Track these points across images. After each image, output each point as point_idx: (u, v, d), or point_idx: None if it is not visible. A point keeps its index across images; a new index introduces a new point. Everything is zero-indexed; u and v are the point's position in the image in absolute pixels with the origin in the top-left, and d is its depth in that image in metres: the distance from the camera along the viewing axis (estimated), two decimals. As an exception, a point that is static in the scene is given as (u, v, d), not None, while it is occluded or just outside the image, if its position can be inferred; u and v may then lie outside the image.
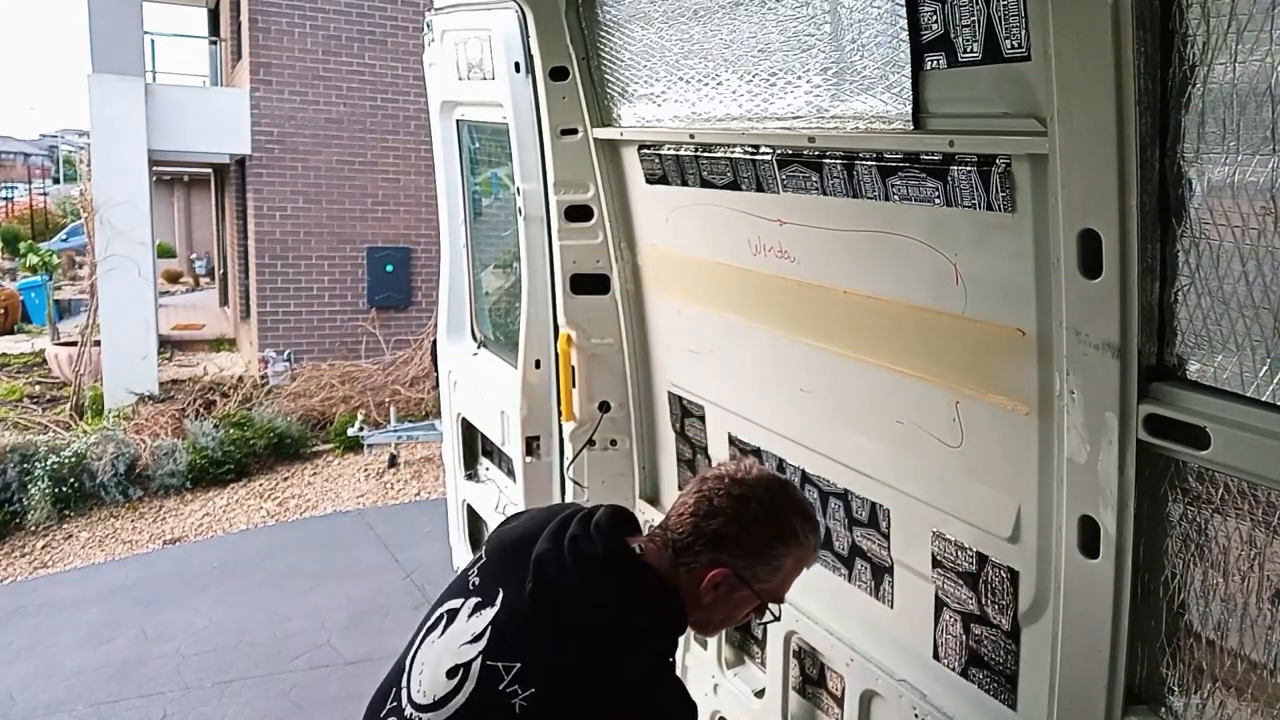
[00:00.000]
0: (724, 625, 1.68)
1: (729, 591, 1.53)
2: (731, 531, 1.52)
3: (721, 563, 1.51)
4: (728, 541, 1.52)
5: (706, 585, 1.51)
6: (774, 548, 1.54)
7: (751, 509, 1.54)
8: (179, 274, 23.64)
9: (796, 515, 1.57)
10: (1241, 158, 1.20)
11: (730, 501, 1.54)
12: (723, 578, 1.51)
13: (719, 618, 1.60)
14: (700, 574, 1.52)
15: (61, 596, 6.46)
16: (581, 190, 2.76)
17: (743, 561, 1.52)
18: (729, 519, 1.53)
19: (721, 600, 1.54)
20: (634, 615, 1.49)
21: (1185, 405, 1.32)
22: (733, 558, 1.51)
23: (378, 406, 9.86)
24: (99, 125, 10.83)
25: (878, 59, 1.72)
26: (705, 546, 1.52)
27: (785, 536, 1.55)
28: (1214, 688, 1.41)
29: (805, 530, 1.57)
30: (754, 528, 1.53)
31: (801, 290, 2.11)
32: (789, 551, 1.55)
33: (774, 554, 1.54)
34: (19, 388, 11.73)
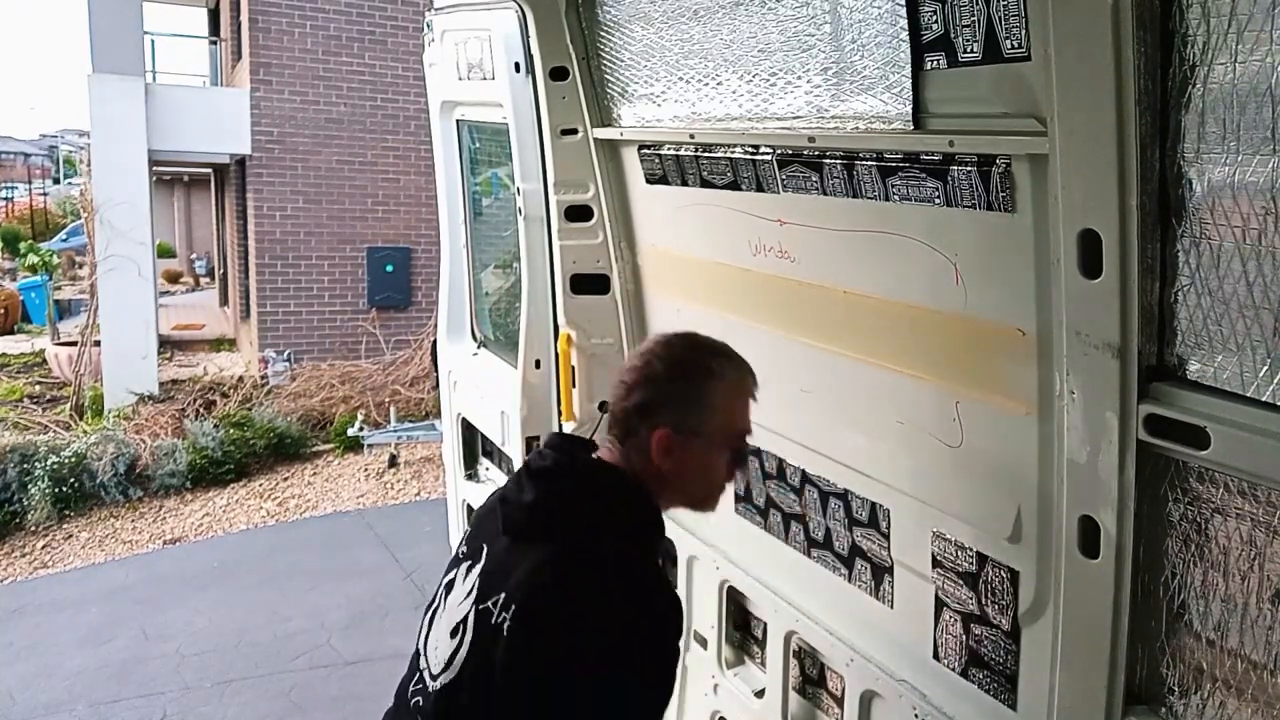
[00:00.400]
0: (711, 487, 1.65)
1: (682, 449, 1.54)
2: (650, 397, 1.56)
3: (656, 426, 1.54)
4: (653, 407, 1.55)
5: (658, 453, 1.53)
6: (695, 390, 1.56)
7: (656, 369, 1.58)
8: (179, 274, 23.65)
9: (704, 353, 1.60)
10: (1242, 158, 1.20)
11: (638, 374, 1.59)
12: (667, 439, 1.53)
13: (698, 477, 1.60)
14: (648, 447, 1.54)
15: (61, 596, 6.46)
16: (581, 190, 2.76)
17: (674, 416, 1.54)
18: (643, 387, 1.57)
19: (683, 461, 1.55)
20: (595, 508, 1.51)
21: (1185, 405, 1.32)
22: (664, 418, 1.54)
23: (378, 406, 9.86)
24: (99, 125, 10.83)
25: (878, 59, 1.72)
26: (639, 423, 1.55)
27: (697, 376, 1.57)
28: (1214, 688, 1.41)
29: (720, 363, 1.60)
30: (666, 383, 1.56)
31: (801, 290, 2.11)
32: (710, 387, 1.57)
33: (699, 395, 1.56)
34: (19, 388, 11.73)
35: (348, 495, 8.45)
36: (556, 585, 1.45)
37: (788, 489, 2.37)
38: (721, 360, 1.61)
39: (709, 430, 1.56)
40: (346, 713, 4.75)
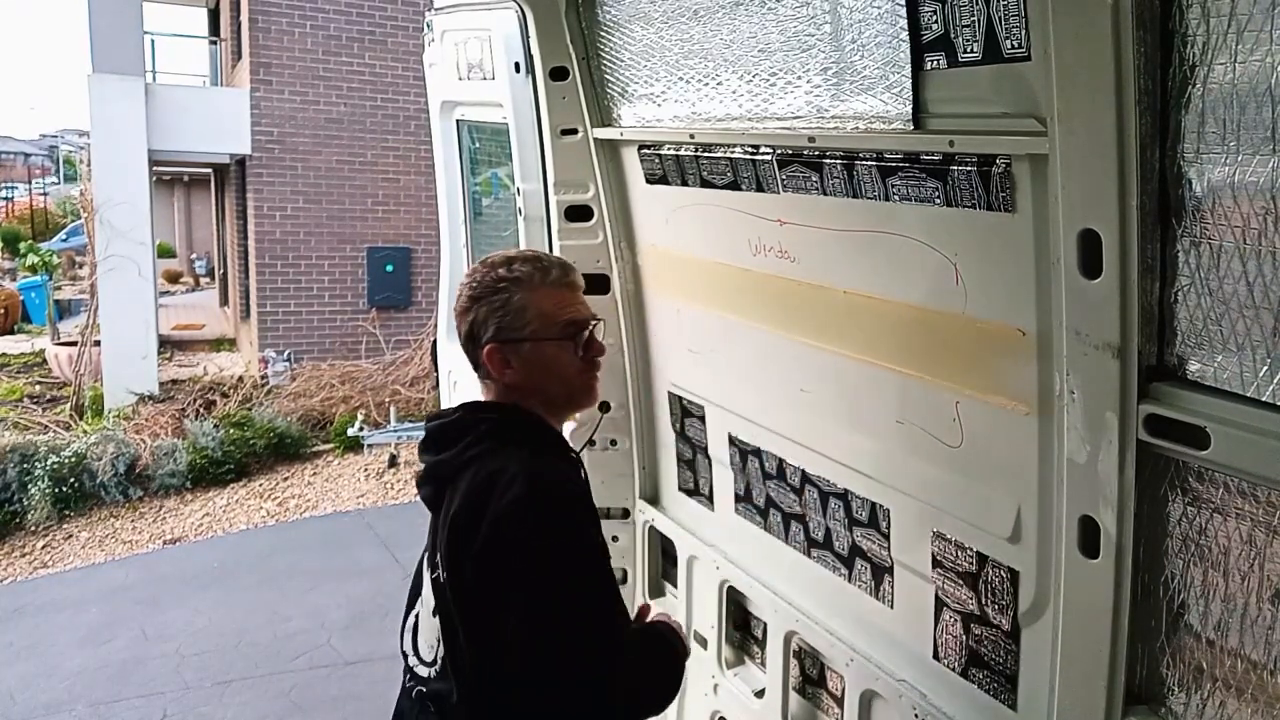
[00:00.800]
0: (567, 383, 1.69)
1: (515, 356, 1.62)
2: (470, 324, 1.65)
3: (481, 348, 1.63)
4: (474, 332, 1.65)
5: (495, 369, 1.63)
6: (496, 301, 1.63)
7: (464, 297, 1.67)
8: (179, 274, 23.65)
9: (496, 268, 1.66)
10: (1242, 158, 1.20)
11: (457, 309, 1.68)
12: (492, 352, 1.62)
13: (550, 380, 1.66)
14: (490, 371, 1.64)
15: (61, 596, 6.46)
16: (581, 190, 2.76)
17: (491, 331, 1.62)
18: (461, 317, 1.67)
19: (523, 369, 1.63)
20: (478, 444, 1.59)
21: (1185, 405, 1.32)
22: (486, 337, 1.63)
23: (378, 406, 9.86)
24: (99, 125, 10.83)
25: (878, 59, 1.72)
26: (473, 350, 1.66)
27: (496, 288, 1.63)
28: (1214, 688, 1.41)
29: (513, 269, 1.65)
30: (474, 306, 1.65)
31: (801, 290, 2.11)
32: (510, 293, 1.63)
33: (501, 304, 1.63)
34: (19, 388, 11.73)
35: (348, 495, 8.45)
36: (459, 524, 1.53)
37: (787, 489, 2.37)
38: (516, 265, 1.66)
39: (530, 331, 1.62)
40: (346, 713, 4.75)
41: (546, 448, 1.64)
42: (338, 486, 8.66)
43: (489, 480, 1.53)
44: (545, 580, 1.47)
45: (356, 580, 6.45)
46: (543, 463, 1.58)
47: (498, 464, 1.55)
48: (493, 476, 1.53)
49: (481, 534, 1.49)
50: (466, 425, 1.64)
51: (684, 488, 2.85)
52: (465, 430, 1.63)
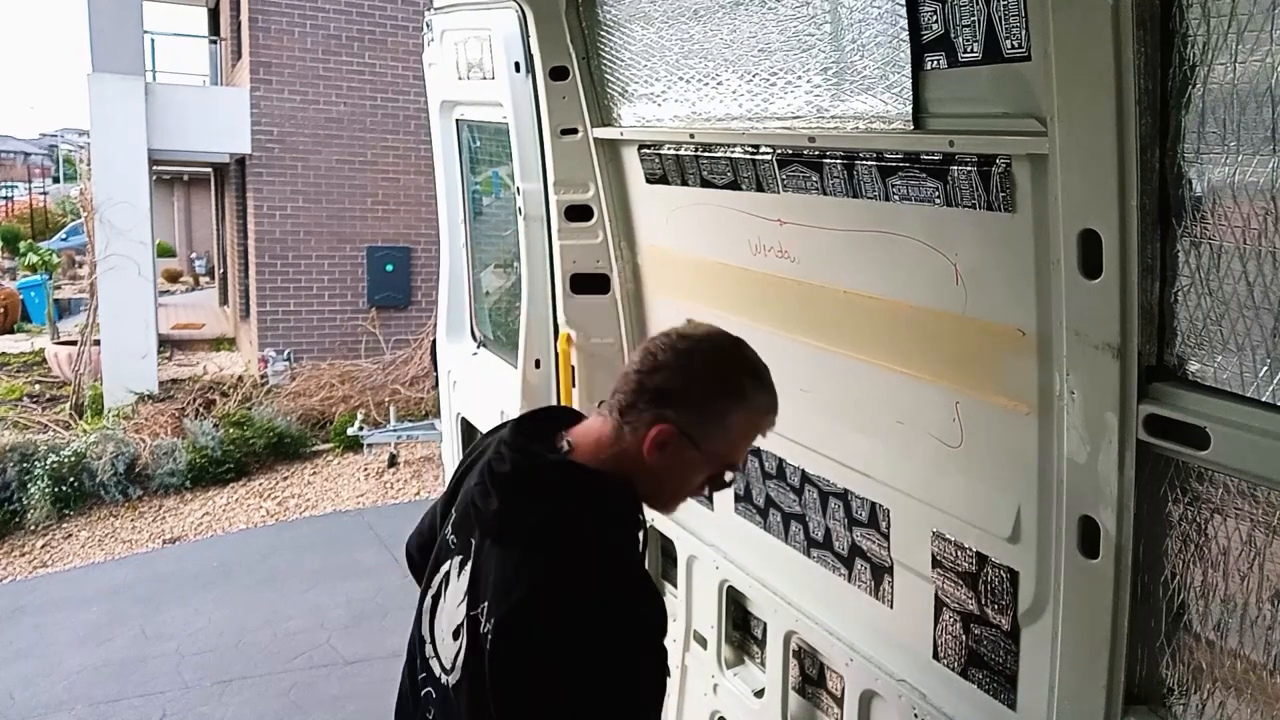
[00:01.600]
0: (677, 496, 1.55)
1: (676, 453, 1.43)
2: (675, 386, 1.44)
3: (665, 419, 1.42)
4: (671, 397, 1.43)
5: (650, 445, 1.42)
6: (719, 404, 1.45)
7: (695, 363, 1.46)
8: (179, 273, 23.65)
9: (745, 373, 1.48)
10: (1242, 158, 1.20)
11: (674, 356, 1.46)
12: (667, 435, 1.42)
13: (671, 485, 1.51)
14: (643, 434, 1.43)
15: (61, 596, 6.46)
16: (581, 190, 2.76)
17: (687, 418, 1.43)
18: (672, 373, 1.45)
19: (670, 464, 1.44)
20: (561, 512, 1.42)
21: (1185, 405, 1.32)
22: (676, 413, 1.43)
23: (377, 406, 9.86)
24: (99, 125, 10.83)
25: (878, 59, 1.72)
26: (648, 404, 1.44)
27: (732, 392, 1.46)
28: (1214, 688, 1.41)
29: (755, 389, 1.48)
30: (698, 383, 1.45)
31: (801, 290, 2.11)
32: (736, 409, 1.46)
33: (720, 411, 1.45)
34: (19, 387, 11.73)
35: (347, 495, 8.45)
36: (529, 596, 1.37)
37: (787, 489, 2.37)
38: (759, 386, 1.49)
39: (709, 447, 1.46)
40: (346, 713, 4.75)
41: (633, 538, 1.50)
42: (337, 486, 8.67)
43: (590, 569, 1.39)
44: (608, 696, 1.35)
45: (356, 580, 6.45)
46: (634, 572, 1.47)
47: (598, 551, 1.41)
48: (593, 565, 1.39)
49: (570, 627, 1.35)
50: (567, 488, 1.45)
51: (684, 487, 2.85)
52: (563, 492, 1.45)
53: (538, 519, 1.43)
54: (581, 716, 1.34)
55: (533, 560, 1.39)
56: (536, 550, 1.40)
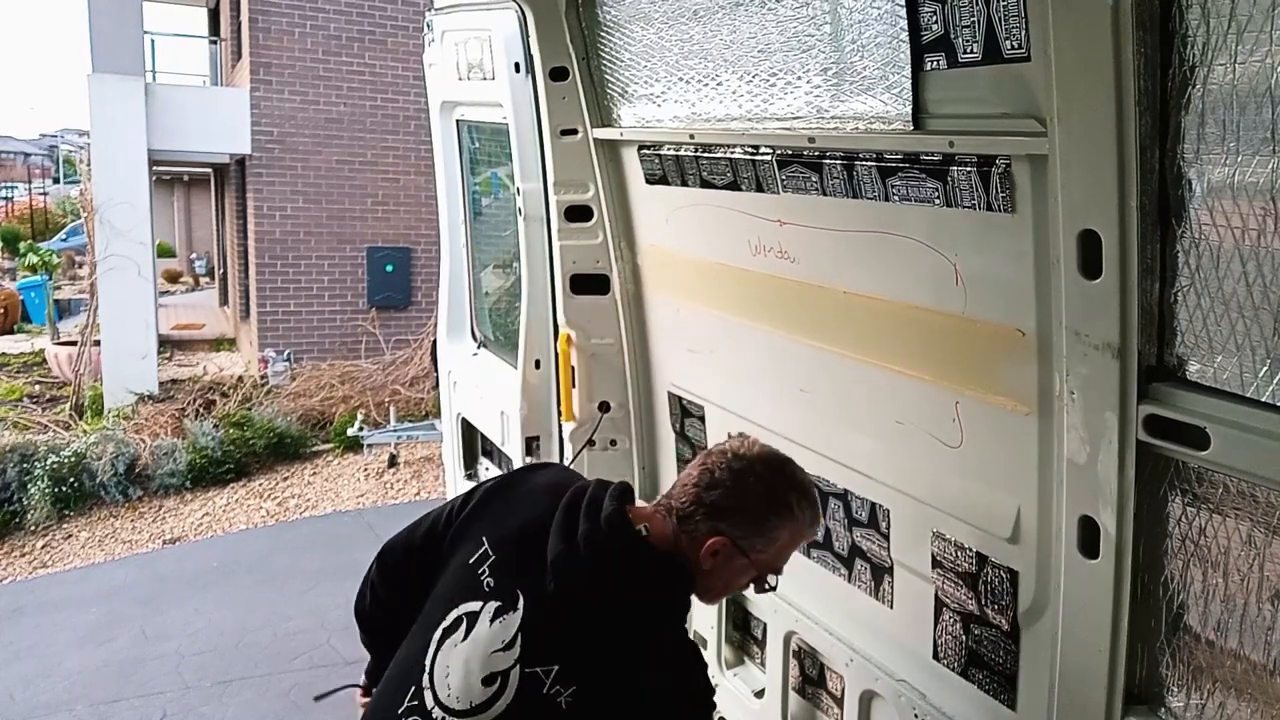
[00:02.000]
0: (725, 593, 1.79)
1: (727, 560, 1.59)
2: (730, 504, 1.59)
3: (720, 532, 1.58)
4: (726, 513, 1.58)
5: (705, 553, 1.58)
6: (770, 520, 1.60)
7: (750, 483, 1.60)
8: (179, 274, 23.64)
9: (794, 491, 1.63)
10: (1241, 158, 1.20)
11: (730, 475, 1.60)
12: (721, 546, 1.58)
13: (719, 585, 1.67)
14: (700, 541, 1.58)
15: (61, 596, 6.46)
16: (581, 190, 2.76)
17: (739, 531, 1.58)
18: (728, 491, 1.59)
19: (720, 568, 1.60)
20: (654, 600, 1.57)
21: (1185, 405, 1.33)
22: (730, 527, 1.58)
23: (377, 406, 9.85)
24: (99, 125, 10.83)
25: (878, 59, 1.72)
26: (705, 516, 1.59)
27: (781, 511, 1.61)
28: (1214, 688, 1.41)
29: (801, 506, 1.63)
30: (751, 501, 1.59)
31: (801, 290, 2.11)
32: (784, 525, 1.62)
33: (770, 526, 1.60)
34: (19, 387, 11.73)
35: (347, 495, 8.45)
36: (619, 673, 1.51)
37: (787, 489, 2.37)
38: (805, 503, 1.64)
39: (758, 557, 1.61)
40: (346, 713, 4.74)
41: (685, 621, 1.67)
42: (337, 486, 8.66)
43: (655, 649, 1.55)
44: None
45: (356, 580, 6.38)
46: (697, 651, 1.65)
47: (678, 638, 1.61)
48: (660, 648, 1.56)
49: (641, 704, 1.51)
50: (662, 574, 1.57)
51: (687, 476, 2.85)
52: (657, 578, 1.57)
53: (634, 598, 1.55)
54: None
55: (618, 634, 1.53)
56: (629, 625, 1.54)
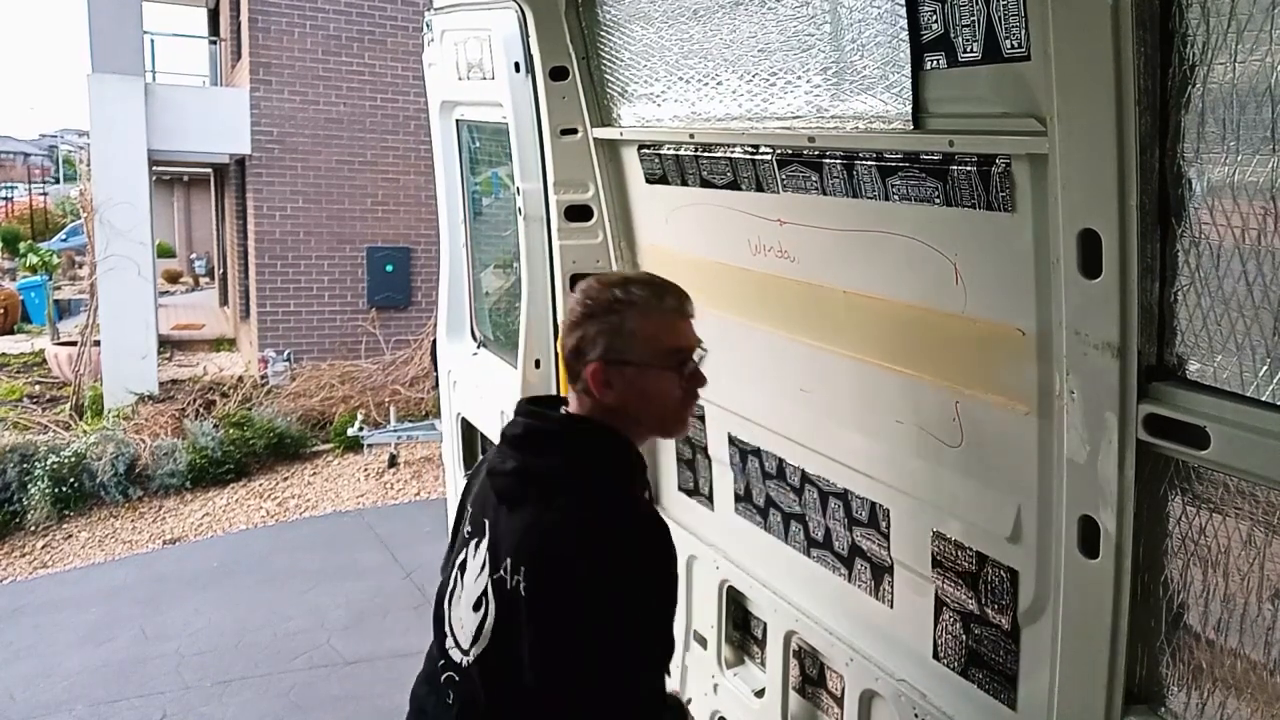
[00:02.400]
0: (665, 411, 1.68)
1: (620, 378, 1.60)
2: (575, 340, 1.63)
3: (589, 363, 1.60)
4: (583, 347, 1.62)
5: (596, 387, 1.60)
6: (610, 321, 1.60)
7: (578, 312, 1.64)
8: (179, 274, 23.64)
9: (614, 287, 1.64)
10: (1241, 158, 1.20)
11: (569, 320, 1.66)
12: (596, 371, 1.59)
13: (649, 406, 1.64)
14: (590, 387, 1.61)
15: (61, 596, 6.46)
16: (581, 190, 2.76)
17: (599, 349, 1.60)
18: (571, 331, 1.64)
19: (626, 390, 1.60)
20: (572, 459, 1.61)
21: (1185, 405, 1.32)
22: (593, 354, 1.60)
23: (377, 406, 9.85)
24: (99, 125, 10.82)
25: (877, 59, 1.72)
26: (578, 364, 1.63)
27: (612, 307, 1.61)
28: (1214, 687, 1.41)
29: (628, 291, 1.63)
30: (584, 322, 1.62)
31: (801, 290, 2.11)
32: (625, 313, 1.61)
33: (615, 325, 1.60)
34: (19, 387, 11.73)
35: (347, 495, 8.45)
36: (557, 539, 1.53)
37: (787, 488, 2.37)
38: (634, 287, 1.64)
39: (636, 355, 1.60)
40: (346, 713, 4.75)
41: (637, 479, 1.67)
42: (337, 486, 8.66)
43: (595, 506, 1.56)
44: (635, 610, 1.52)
45: (356, 580, 6.45)
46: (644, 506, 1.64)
47: (601, 491, 1.58)
48: (598, 502, 1.56)
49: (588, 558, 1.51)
50: (568, 439, 1.64)
51: (684, 487, 2.85)
52: (565, 444, 1.63)
53: (553, 469, 1.60)
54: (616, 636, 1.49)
55: (555, 508, 1.56)
56: (556, 497, 1.57)
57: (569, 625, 1.50)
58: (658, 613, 1.56)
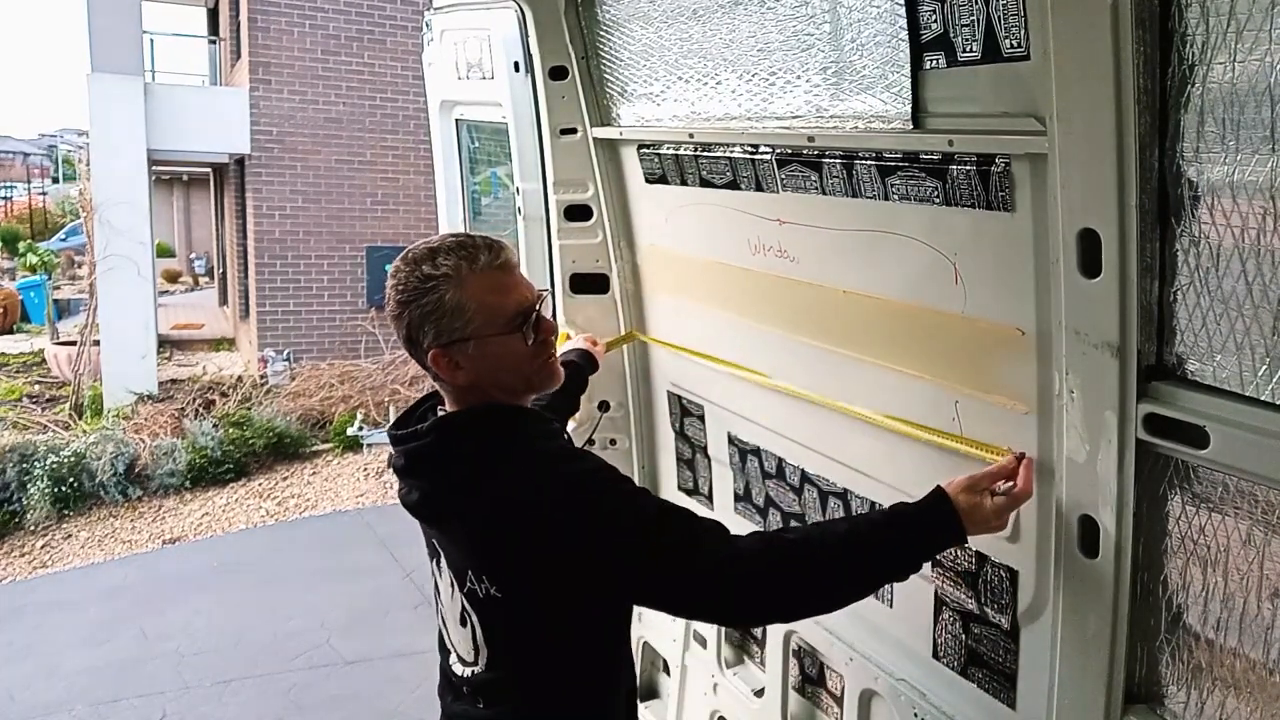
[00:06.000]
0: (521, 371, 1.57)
1: (464, 356, 1.51)
2: (403, 331, 1.53)
3: (428, 351, 1.51)
4: (412, 336, 1.52)
5: (446, 371, 1.52)
6: (426, 303, 1.49)
7: (390, 300, 1.54)
8: (178, 273, 23.63)
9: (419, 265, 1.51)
10: (1241, 157, 1.20)
11: (390, 314, 1.56)
12: (437, 358, 1.51)
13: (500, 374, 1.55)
14: (441, 376, 1.54)
15: (61, 596, 6.46)
16: (581, 190, 2.76)
17: (430, 335, 1.50)
18: (395, 323, 1.54)
19: (474, 366, 1.51)
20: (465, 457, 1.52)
21: (1184, 405, 1.33)
22: (428, 341, 1.50)
23: (377, 406, 9.85)
24: (98, 125, 10.82)
25: (877, 58, 1.72)
26: (416, 353, 1.54)
27: (423, 288, 1.49)
28: (1213, 687, 1.41)
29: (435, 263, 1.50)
30: (403, 310, 1.51)
31: (801, 290, 2.11)
32: (441, 291, 1.48)
33: (435, 305, 1.49)
34: (18, 387, 11.73)
35: (347, 494, 8.45)
36: (497, 539, 1.48)
37: (787, 488, 2.37)
38: (441, 259, 1.50)
39: (471, 329, 1.50)
40: (346, 712, 4.75)
41: (531, 429, 1.58)
42: (337, 486, 8.66)
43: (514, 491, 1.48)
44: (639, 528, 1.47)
45: (356, 580, 6.45)
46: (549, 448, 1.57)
47: (510, 472, 1.50)
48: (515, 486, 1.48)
49: (539, 539, 1.45)
50: (442, 452, 1.54)
51: (683, 487, 2.85)
52: (441, 457, 1.54)
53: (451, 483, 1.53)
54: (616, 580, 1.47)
55: (477, 510, 1.50)
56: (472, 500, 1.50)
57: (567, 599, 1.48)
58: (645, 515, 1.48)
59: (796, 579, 1.49)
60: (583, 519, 1.45)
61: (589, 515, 1.45)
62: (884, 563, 1.52)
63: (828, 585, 1.51)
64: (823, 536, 1.55)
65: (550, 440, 1.60)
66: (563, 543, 1.44)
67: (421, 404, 1.67)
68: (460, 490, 1.52)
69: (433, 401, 1.66)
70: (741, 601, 1.50)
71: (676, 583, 1.47)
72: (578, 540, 1.44)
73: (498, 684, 1.58)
